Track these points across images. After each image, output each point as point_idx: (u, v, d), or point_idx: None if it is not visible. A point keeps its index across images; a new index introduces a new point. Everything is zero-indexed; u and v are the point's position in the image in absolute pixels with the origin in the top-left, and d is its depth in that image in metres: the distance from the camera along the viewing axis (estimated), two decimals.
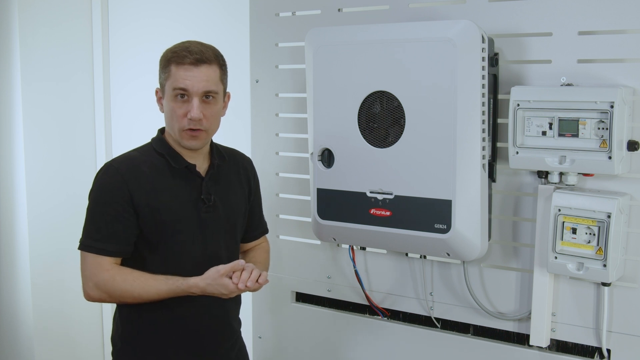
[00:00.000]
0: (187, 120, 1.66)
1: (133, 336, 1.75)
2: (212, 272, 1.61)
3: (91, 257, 1.67)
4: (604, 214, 1.61)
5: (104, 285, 1.65)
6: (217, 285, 1.60)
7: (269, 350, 2.35)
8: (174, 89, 1.65)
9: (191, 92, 1.65)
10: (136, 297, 1.65)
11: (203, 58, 1.65)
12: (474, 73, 1.69)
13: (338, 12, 2.07)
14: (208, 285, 1.61)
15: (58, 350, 3.10)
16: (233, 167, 1.86)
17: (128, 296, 1.65)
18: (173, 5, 2.89)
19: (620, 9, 1.65)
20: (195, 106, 1.64)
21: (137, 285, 1.64)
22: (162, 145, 1.74)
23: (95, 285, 1.66)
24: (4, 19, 2.87)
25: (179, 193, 1.71)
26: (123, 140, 3.11)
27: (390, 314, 2.08)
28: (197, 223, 1.73)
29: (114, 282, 1.64)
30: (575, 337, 1.79)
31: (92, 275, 1.66)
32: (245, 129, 2.32)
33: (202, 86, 1.65)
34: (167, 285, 1.64)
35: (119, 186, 1.65)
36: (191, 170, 1.73)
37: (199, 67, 1.64)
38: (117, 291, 1.64)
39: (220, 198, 1.78)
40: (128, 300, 1.66)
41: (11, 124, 2.93)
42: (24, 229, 2.95)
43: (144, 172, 1.69)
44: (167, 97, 1.68)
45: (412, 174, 1.78)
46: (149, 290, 1.64)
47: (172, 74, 1.65)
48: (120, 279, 1.64)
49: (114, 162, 1.70)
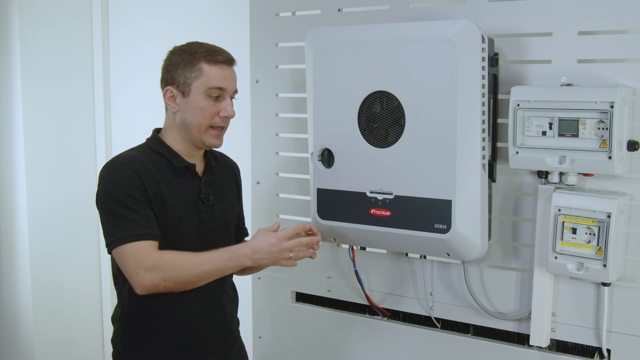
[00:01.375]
0: (219, 118, 1.69)
1: (133, 337, 1.75)
2: (258, 234, 1.63)
3: (131, 248, 1.57)
4: (604, 214, 1.61)
5: (155, 266, 1.55)
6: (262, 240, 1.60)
7: (269, 350, 2.35)
8: (210, 87, 1.67)
9: (227, 91, 1.69)
10: (190, 272, 1.57)
11: (232, 58, 1.72)
12: (474, 73, 1.69)
13: (338, 12, 2.07)
14: (255, 242, 1.60)
15: (58, 350, 3.10)
16: (225, 169, 1.87)
17: (183, 271, 1.56)
18: (173, 5, 2.89)
19: (620, 9, 1.65)
20: (230, 105, 1.70)
21: (189, 258, 1.58)
22: (160, 145, 1.73)
23: (146, 270, 1.55)
24: (4, 19, 2.87)
25: (181, 192, 1.72)
26: (123, 140, 3.11)
27: (390, 314, 2.08)
28: (197, 222, 1.73)
29: (163, 261, 1.56)
30: (575, 337, 1.79)
31: (139, 263, 1.56)
32: (245, 129, 2.32)
33: (234, 86, 1.72)
34: (216, 252, 1.60)
35: (133, 177, 1.62)
36: (191, 170, 1.74)
37: (231, 67, 1.71)
38: (170, 269, 1.56)
39: (216, 198, 1.78)
40: (182, 278, 1.57)
41: (11, 124, 2.93)
42: (24, 229, 2.95)
43: (149, 168, 1.67)
44: (196, 96, 1.67)
45: (412, 174, 1.78)
46: (201, 261, 1.58)
47: (206, 72, 1.67)
48: (169, 256, 1.57)
49: (119, 158, 1.68)
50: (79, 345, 3.20)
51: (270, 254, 1.60)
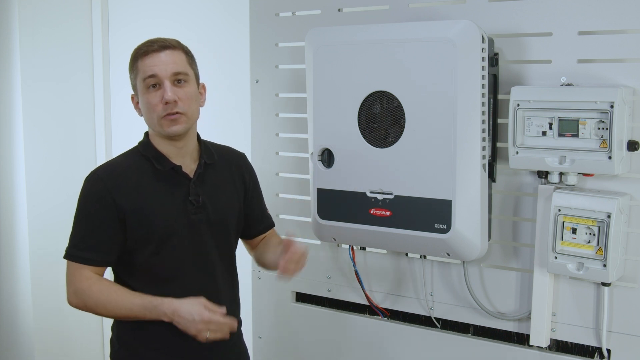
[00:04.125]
0: (162, 106, 1.65)
1: (131, 336, 1.74)
2: (193, 299, 1.62)
3: (71, 266, 1.68)
4: (604, 214, 1.61)
5: (81, 294, 1.66)
6: (190, 306, 1.60)
7: (269, 350, 2.35)
8: (145, 79, 1.66)
9: (161, 77, 1.65)
10: (109, 310, 1.66)
11: (166, 44, 1.68)
12: (474, 73, 1.69)
13: (338, 12, 2.07)
14: (182, 305, 1.60)
15: (58, 350, 3.10)
16: (225, 165, 1.84)
17: (101, 307, 1.66)
18: (173, 5, 2.89)
19: (620, 9, 1.65)
20: (167, 88, 1.65)
21: (112, 298, 1.65)
22: (147, 148, 1.73)
23: (74, 292, 1.67)
24: (4, 19, 2.87)
25: (166, 196, 1.70)
26: (123, 140, 3.11)
27: (390, 314, 2.08)
28: (187, 225, 1.71)
29: (90, 292, 1.65)
30: (575, 337, 1.79)
31: (72, 282, 1.68)
32: (245, 129, 2.32)
33: (170, 68, 1.66)
34: (141, 299, 1.64)
35: (102, 195, 1.66)
36: (177, 171, 1.72)
37: (163, 52, 1.67)
38: (92, 301, 1.65)
39: (209, 198, 1.76)
40: (101, 312, 1.68)
41: (11, 124, 2.93)
42: (24, 229, 2.95)
43: (129, 177, 1.68)
44: (140, 93, 1.69)
45: (412, 174, 1.78)
46: (122, 304, 1.64)
47: (140, 67, 1.67)
48: (97, 289, 1.66)
49: (97, 171, 1.71)
50: (79, 345, 3.20)
51: (188, 322, 1.60)
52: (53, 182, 3.01)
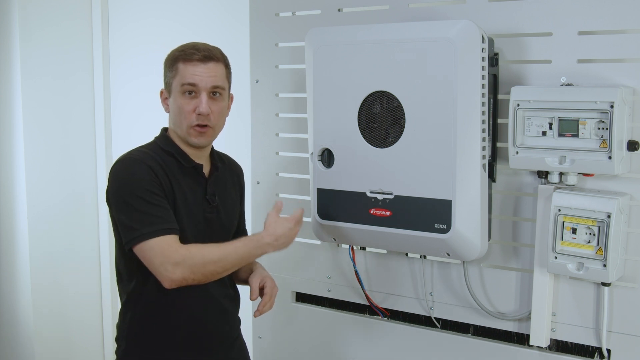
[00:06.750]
0: (195, 115, 1.67)
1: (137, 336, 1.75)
2: (273, 219, 1.69)
3: (157, 243, 1.57)
4: (604, 214, 1.61)
5: (184, 261, 1.57)
6: (280, 225, 1.67)
7: (269, 350, 2.35)
8: (183, 84, 1.67)
9: (200, 87, 1.67)
10: (217, 263, 1.60)
11: (211, 55, 1.68)
12: (474, 73, 1.69)
13: (338, 12, 2.07)
14: (275, 229, 1.66)
15: (58, 350, 3.11)
16: (229, 171, 1.88)
17: (210, 263, 1.59)
18: (173, 5, 2.89)
19: (620, 9, 1.65)
20: (203, 101, 1.67)
21: (215, 250, 1.61)
22: (169, 143, 1.73)
23: (174, 265, 1.56)
24: (4, 19, 2.87)
25: (189, 191, 1.72)
26: (123, 140, 3.11)
27: (390, 314, 2.08)
28: (203, 222, 1.74)
29: (192, 254, 1.58)
30: (575, 337, 1.79)
31: (167, 258, 1.57)
32: (245, 129, 2.32)
33: (210, 81, 1.67)
34: (239, 241, 1.65)
35: (148, 172, 1.63)
36: (198, 170, 1.74)
37: (206, 64, 1.67)
38: (199, 260, 1.58)
39: (221, 200, 1.79)
40: (210, 269, 1.60)
41: (11, 123, 2.93)
42: (24, 229, 2.95)
43: (162, 166, 1.68)
44: (174, 95, 1.69)
45: (412, 174, 1.78)
46: (227, 251, 1.62)
47: (180, 71, 1.67)
48: (195, 249, 1.60)
49: (132, 155, 1.68)
50: (79, 345, 3.20)
51: (289, 238, 1.68)
52: (53, 181, 3.02)
